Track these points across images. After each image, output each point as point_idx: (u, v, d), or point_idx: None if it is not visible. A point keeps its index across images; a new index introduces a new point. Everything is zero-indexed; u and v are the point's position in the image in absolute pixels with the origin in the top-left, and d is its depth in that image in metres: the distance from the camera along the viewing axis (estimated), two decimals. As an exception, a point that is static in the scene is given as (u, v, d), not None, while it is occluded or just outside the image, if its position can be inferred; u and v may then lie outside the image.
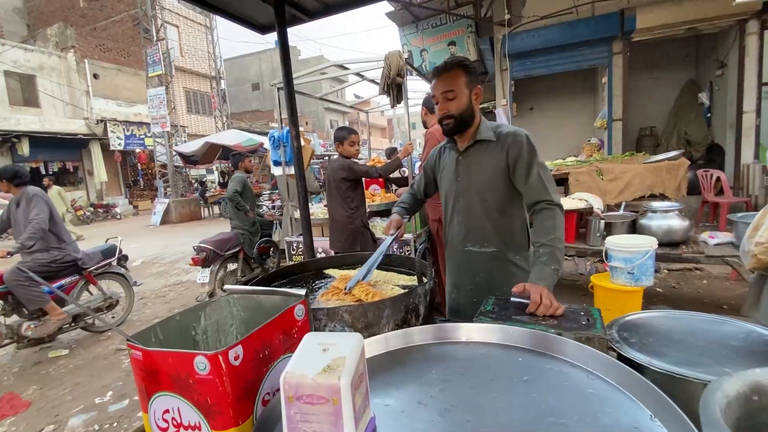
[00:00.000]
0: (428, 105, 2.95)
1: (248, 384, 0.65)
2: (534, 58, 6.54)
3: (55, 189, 10.02)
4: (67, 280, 3.48)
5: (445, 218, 1.57)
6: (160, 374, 0.65)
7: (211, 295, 3.52)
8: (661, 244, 2.84)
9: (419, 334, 0.86)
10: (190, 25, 19.62)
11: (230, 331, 0.93)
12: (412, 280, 1.28)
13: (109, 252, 3.82)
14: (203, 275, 3.62)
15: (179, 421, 0.65)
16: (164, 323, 0.80)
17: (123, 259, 3.99)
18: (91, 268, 3.62)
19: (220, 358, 0.60)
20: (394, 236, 1.47)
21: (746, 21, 5.78)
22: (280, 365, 0.73)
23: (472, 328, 0.87)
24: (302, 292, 0.82)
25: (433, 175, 1.63)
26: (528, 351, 0.80)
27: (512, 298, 1.12)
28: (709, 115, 7.12)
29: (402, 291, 1.20)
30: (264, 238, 4.01)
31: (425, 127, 3.01)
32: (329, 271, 1.45)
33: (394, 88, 2.61)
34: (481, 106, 1.48)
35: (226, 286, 0.93)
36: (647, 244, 2.63)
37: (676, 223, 2.97)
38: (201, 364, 0.60)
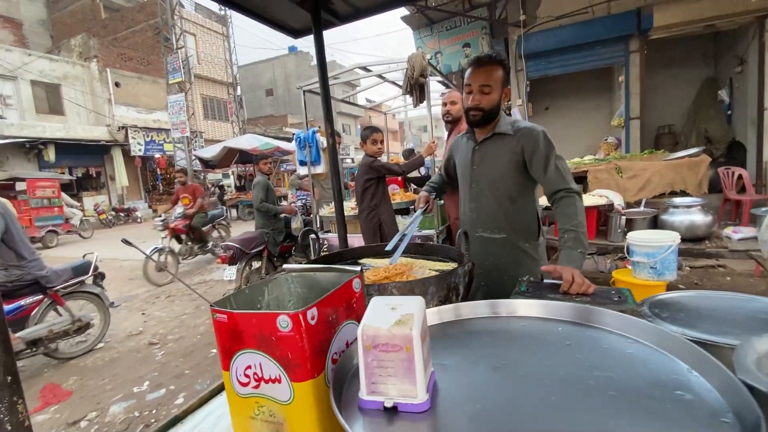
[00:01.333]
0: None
1: (321, 342, 0.73)
2: (549, 58, 6.56)
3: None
4: (28, 300, 3.09)
5: (462, 204, 1.66)
6: (244, 334, 0.73)
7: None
8: (683, 240, 2.85)
9: (467, 309, 0.94)
10: (207, 33, 20.13)
11: (288, 306, 1.02)
12: (445, 266, 1.35)
13: (81, 269, 3.45)
14: (230, 272, 3.76)
15: (260, 375, 0.74)
16: (236, 295, 0.89)
17: (99, 277, 3.64)
18: (58, 287, 3.22)
19: (301, 317, 0.68)
20: (423, 210, 1.58)
21: (765, 17, 5.70)
22: (345, 329, 0.82)
23: (514, 304, 0.94)
24: (357, 268, 0.91)
25: (452, 158, 1.73)
26: (567, 322, 0.87)
27: (544, 281, 1.18)
28: (729, 112, 7.02)
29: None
30: (286, 237, 4.13)
31: (450, 122, 3.03)
32: (365, 260, 1.53)
33: (417, 89, 2.70)
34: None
35: (284, 266, 1.02)
36: (670, 238, 2.64)
37: (698, 218, 2.97)
38: (284, 322, 0.69)
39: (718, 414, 0.54)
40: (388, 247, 1.29)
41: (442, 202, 3.41)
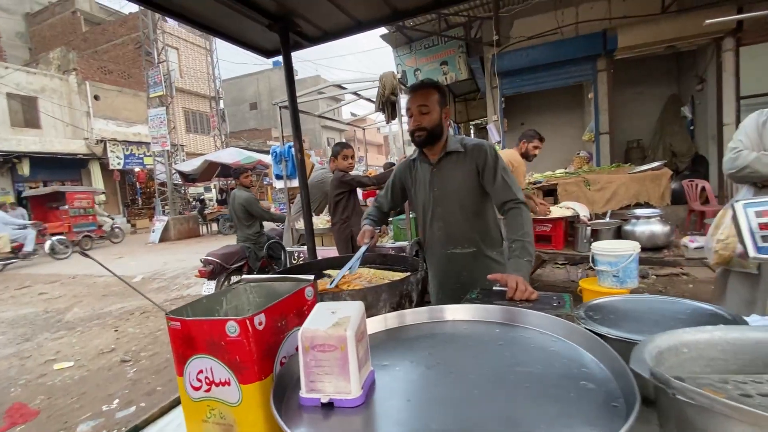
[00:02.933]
0: None
1: (269, 346, 0.78)
2: (523, 76, 6.83)
3: None
4: None
5: (424, 225, 1.70)
6: (196, 340, 0.78)
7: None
8: (644, 249, 3.00)
9: (412, 315, 1.00)
10: (190, 48, 20.14)
11: (246, 314, 1.07)
12: (405, 275, 1.42)
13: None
14: (209, 287, 3.73)
15: (211, 379, 0.78)
16: (193, 304, 0.93)
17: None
18: None
19: (248, 322, 0.74)
20: (368, 245, 1.54)
21: (722, 39, 6.10)
22: (293, 335, 0.87)
23: (457, 309, 1.01)
24: (311, 277, 0.96)
25: (401, 187, 1.76)
26: (504, 325, 0.94)
27: (494, 288, 1.26)
28: (692, 127, 7.41)
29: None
30: (272, 244, 4.10)
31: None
32: (329, 272, 1.58)
33: (389, 106, 2.80)
34: (473, 122, 1.68)
35: (243, 276, 1.07)
36: (630, 248, 2.79)
37: (657, 228, 3.13)
38: (232, 328, 0.74)
39: (611, 399, 0.61)
40: (331, 285, 1.27)
41: (413, 215, 3.50)
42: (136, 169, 16.64)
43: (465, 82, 8.56)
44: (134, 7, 17.45)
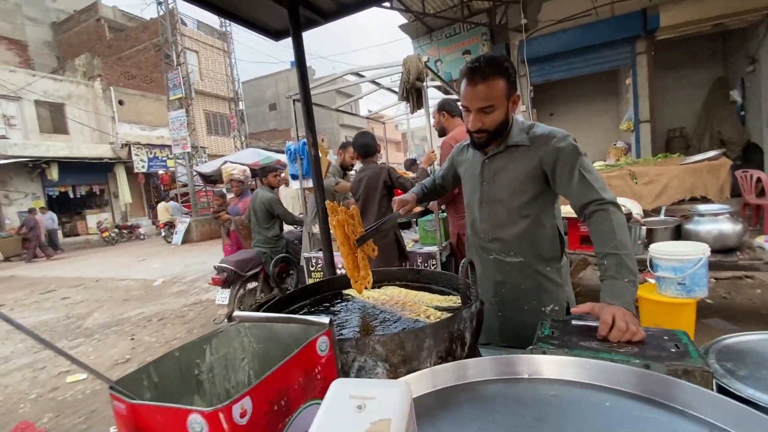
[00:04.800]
0: (448, 108, 2.79)
1: (260, 447, 0.50)
2: (553, 63, 6.37)
3: None
4: None
5: (467, 222, 1.45)
6: (148, 434, 0.50)
7: (230, 317, 3.40)
8: (712, 251, 2.59)
9: (474, 369, 0.70)
10: (209, 50, 20.32)
11: (241, 366, 0.78)
12: (448, 301, 1.11)
13: None
14: (222, 296, 3.52)
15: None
16: (160, 362, 0.66)
17: None
18: None
19: (221, 416, 0.45)
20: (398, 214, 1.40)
21: (778, 13, 5.49)
22: (303, 416, 0.58)
23: (537, 361, 0.70)
24: (326, 320, 0.67)
25: (454, 168, 1.51)
26: (616, 392, 0.63)
27: (573, 321, 0.94)
28: (742, 113, 6.76)
29: (436, 313, 1.04)
30: (282, 255, 3.86)
31: (441, 134, 2.85)
32: (349, 291, 1.30)
33: (414, 94, 2.49)
34: None
35: (235, 313, 0.79)
36: (699, 251, 2.39)
37: (728, 227, 2.71)
38: (196, 425, 0.45)
39: None
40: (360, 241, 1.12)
41: (445, 214, 3.17)
42: (160, 171, 16.89)
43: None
44: (154, 12, 17.66)
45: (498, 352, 1.12)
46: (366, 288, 1.15)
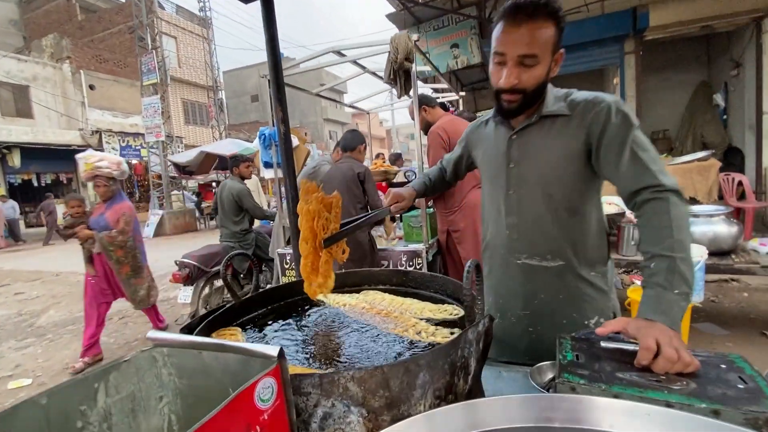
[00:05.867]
0: (426, 101, 2.61)
1: None
2: (542, 59, 6.26)
3: None
4: None
5: (486, 215, 1.17)
6: None
7: (193, 316, 3.12)
8: (708, 254, 2.49)
9: (486, 411, 0.49)
10: (188, 36, 19.53)
11: (157, 409, 0.55)
12: (442, 311, 0.90)
13: None
14: (185, 294, 3.21)
15: None
16: (11, 416, 0.42)
17: None
18: None
19: None
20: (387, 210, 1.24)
21: (762, 18, 5.52)
22: None
23: (569, 403, 0.50)
24: (273, 350, 0.45)
25: (468, 150, 1.25)
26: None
27: (602, 343, 0.74)
28: (725, 116, 6.83)
29: (429, 328, 0.83)
30: (237, 252, 3.43)
31: (426, 130, 2.66)
32: (321, 296, 1.07)
33: (402, 75, 2.27)
34: (481, 113, 1.13)
35: (149, 334, 0.56)
36: (696, 254, 2.27)
37: (723, 229, 2.61)
38: None
39: None
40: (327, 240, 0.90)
41: (432, 209, 2.97)
42: (133, 161, 16.14)
43: (474, 71, 7.98)
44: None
45: (508, 370, 0.92)
46: (323, 294, 0.93)
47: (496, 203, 1.11)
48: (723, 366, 0.66)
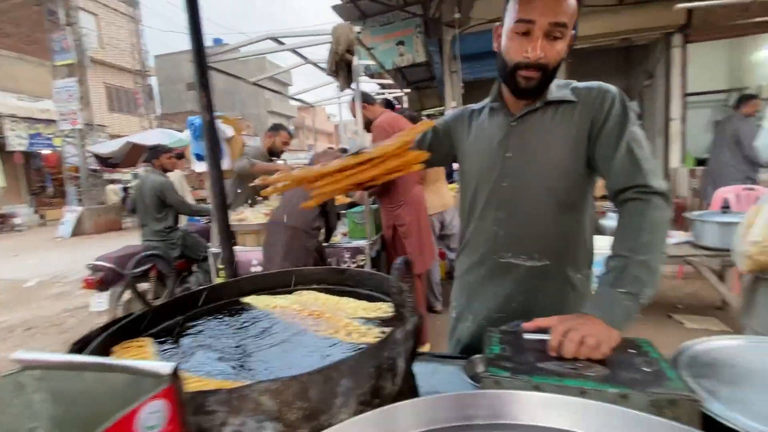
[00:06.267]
0: (365, 98, 2.61)
1: None
2: (483, 61, 6.50)
3: None
4: None
5: (467, 212, 1.10)
6: None
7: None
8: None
9: (407, 414, 0.47)
10: (112, 14, 17.69)
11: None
12: (376, 309, 0.88)
13: None
14: (99, 301, 2.86)
15: None
16: None
17: None
18: None
19: None
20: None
21: (671, 34, 6.23)
22: None
23: (498, 401, 0.49)
24: (166, 368, 0.39)
25: (448, 140, 1.14)
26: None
27: (524, 335, 0.76)
28: (640, 123, 7.61)
29: (360, 328, 0.80)
30: (148, 254, 3.11)
31: (367, 127, 2.66)
32: (250, 299, 1.00)
33: (344, 67, 2.21)
34: (427, 112, 1.10)
35: (19, 354, 0.47)
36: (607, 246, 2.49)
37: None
38: None
39: None
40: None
41: (376, 205, 2.95)
42: (45, 151, 14.33)
43: (419, 69, 8.11)
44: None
45: (444, 364, 0.92)
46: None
47: (482, 197, 1.04)
48: (632, 351, 0.71)
